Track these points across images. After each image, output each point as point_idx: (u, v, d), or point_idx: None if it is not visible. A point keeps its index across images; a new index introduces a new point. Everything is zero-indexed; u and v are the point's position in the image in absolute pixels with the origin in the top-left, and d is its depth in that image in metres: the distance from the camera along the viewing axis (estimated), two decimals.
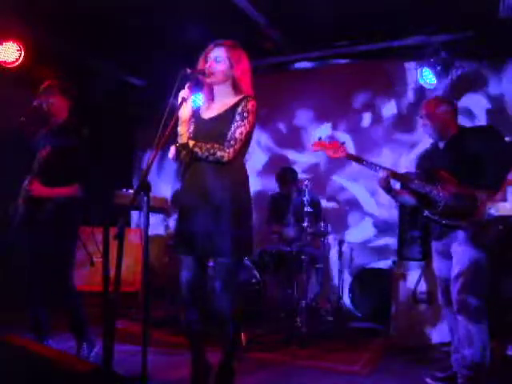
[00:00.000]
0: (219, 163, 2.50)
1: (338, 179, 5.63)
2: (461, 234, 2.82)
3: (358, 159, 3.10)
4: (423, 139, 5.12)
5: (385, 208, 5.32)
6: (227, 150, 2.48)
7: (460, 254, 2.83)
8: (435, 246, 3.07)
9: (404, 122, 5.39)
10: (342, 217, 5.52)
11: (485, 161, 2.82)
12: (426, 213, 2.94)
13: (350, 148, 5.44)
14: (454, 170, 2.88)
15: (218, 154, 2.48)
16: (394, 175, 3.02)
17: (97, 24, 4.65)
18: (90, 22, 4.58)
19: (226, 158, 2.48)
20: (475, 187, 2.79)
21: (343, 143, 3.16)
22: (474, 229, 2.76)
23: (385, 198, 5.18)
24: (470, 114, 5.01)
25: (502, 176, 2.76)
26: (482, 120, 4.94)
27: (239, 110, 2.52)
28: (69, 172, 3.21)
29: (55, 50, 5.01)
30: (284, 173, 5.07)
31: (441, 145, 3.06)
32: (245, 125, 2.51)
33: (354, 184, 5.53)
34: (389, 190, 3.07)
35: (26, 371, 1.99)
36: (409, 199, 3.11)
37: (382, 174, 3.01)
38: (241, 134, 2.50)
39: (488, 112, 4.98)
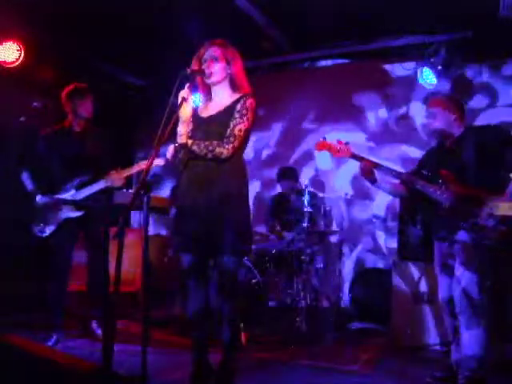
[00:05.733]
0: (218, 160, 2.50)
1: (339, 178, 5.64)
2: (464, 235, 2.81)
3: (363, 159, 3.09)
4: (423, 138, 5.15)
5: (385, 207, 5.32)
6: (226, 147, 2.48)
7: (463, 254, 2.83)
8: (438, 246, 3.06)
9: (404, 122, 5.39)
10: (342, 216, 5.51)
11: (491, 161, 2.82)
12: (430, 213, 2.94)
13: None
14: (461, 170, 2.87)
15: (217, 150, 2.48)
16: (399, 175, 3.02)
17: (97, 24, 4.65)
18: (90, 22, 4.58)
19: (224, 155, 2.49)
20: (480, 188, 2.78)
21: (347, 143, 3.16)
22: (477, 230, 2.75)
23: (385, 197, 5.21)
24: (469, 113, 5.01)
25: (508, 177, 2.76)
26: (481, 120, 4.94)
27: (238, 107, 2.53)
28: None
29: (55, 50, 5.01)
30: (284, 172, 5.06)
31: (447, 144, 3.05)
32: (244, 122, 2.52)
33: (354, 183, 5.53)
34: (373, 180, 3.06)
35: (26, 371, 1.99)
36: (401, 191, 3.12)
37: (390, 175, 3.01)
38: (240, 130, 2.51)
39: (488, 112, 4.98)
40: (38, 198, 3.58)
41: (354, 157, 3.11)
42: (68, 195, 3.59)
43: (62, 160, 3.60)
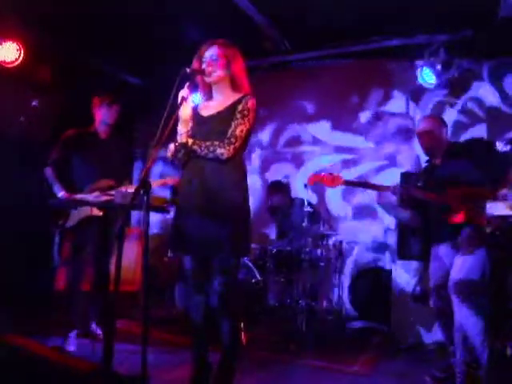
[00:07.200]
0: (218, 161, 2.50)
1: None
2: (466, 233, 2.87)
3: (358, 183, 3.42)
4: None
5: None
6: (227, 147, 2.48)
7: (464, 253, 2.88)
8: (439, 248, 3.08)
9: (403, 121, 5.39)
10: (342, 216, 5.52)
11: (481, 168, 2.92)
12: (432, 216, 3.01)
13: (352, 148, 5.49)
14: (457, 180, 2.96)
15: (218, 151, 2.48)
16: (395, 189, 3.14)
17: (96, 24, 4.65)
18: (89, 21, 4.58)
19: (225, 156, 2.48)
20: (479, 189, 2.86)
21: (339, 173, 3.34)
22: (478, 230, 2.82)
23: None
24: (469, 113, 5.01)
25: (502, 178, 2.83)
26: (482, 119, 4.94)
27: (240, 108, 2.53)
28: None
29: (55, 49, 5.00)
30: (274, 186, 5.06)
31: (435, 162, 3.19)
32: (245, 123, 2.52)
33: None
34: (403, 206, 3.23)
35: (25, 371, 1.99)
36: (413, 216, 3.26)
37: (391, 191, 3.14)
38: (241, 131, 2.51)
39: (487, 111, 4.97)
40: (61, 194, 3.61)
41: (348, 183, 3.33)
42: (91, 196, 3.59)
43: (86, 162, 3.71)
